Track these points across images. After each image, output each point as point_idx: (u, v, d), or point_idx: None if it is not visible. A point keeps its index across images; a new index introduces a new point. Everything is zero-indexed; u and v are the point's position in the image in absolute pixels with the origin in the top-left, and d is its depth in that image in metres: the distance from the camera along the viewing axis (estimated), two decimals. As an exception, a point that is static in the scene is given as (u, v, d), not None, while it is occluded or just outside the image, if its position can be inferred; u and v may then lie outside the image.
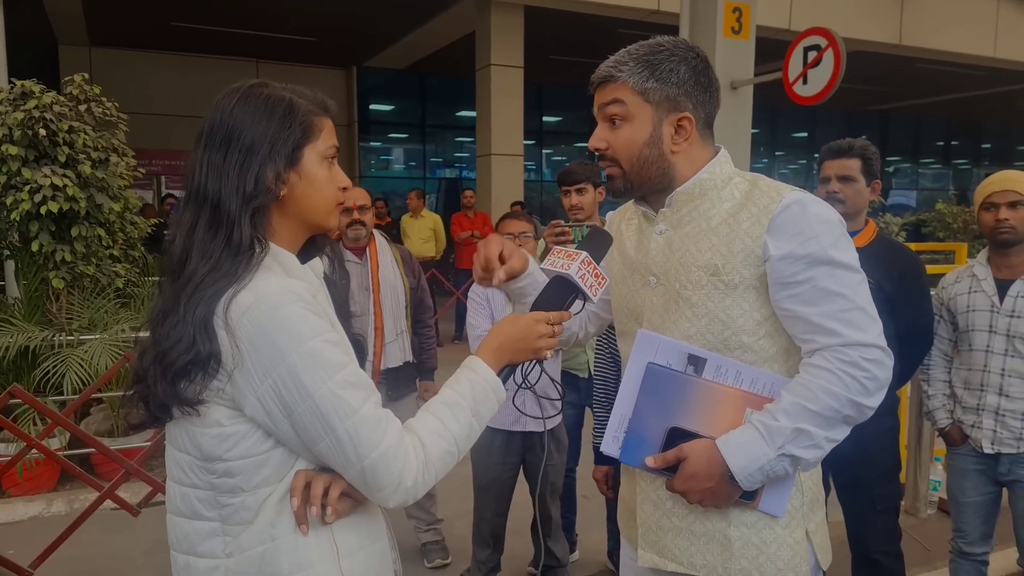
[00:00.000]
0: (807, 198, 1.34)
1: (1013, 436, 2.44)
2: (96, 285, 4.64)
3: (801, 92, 5.84)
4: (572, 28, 10.46)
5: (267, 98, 1.16)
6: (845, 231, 1.33)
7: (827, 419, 1.28)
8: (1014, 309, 2.43)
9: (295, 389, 1.06)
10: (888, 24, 10.50)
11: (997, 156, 21.41)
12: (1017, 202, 2.41)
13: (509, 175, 10.06)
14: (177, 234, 1.14)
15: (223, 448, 1.10)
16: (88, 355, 3.99)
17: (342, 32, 11.20)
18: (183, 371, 1.06)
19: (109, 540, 3.51)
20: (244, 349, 1.05)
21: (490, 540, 3.05)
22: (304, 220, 1.21)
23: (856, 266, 1.31)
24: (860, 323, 1.29)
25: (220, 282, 1.08)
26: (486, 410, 1.23)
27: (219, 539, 1.13)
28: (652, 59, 1.38)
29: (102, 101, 4.61)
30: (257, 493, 1.12)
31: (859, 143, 2.52)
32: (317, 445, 1.09)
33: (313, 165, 1.18)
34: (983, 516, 2.59)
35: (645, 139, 1.39)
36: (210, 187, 1.12)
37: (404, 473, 1.11)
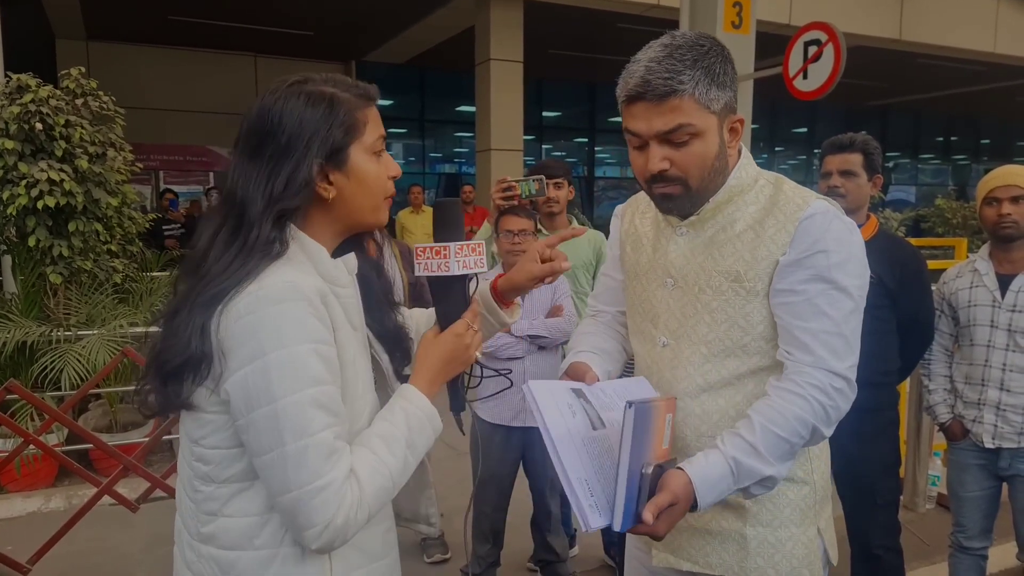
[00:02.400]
0: (833, 212, 1.31)
1: (1014, 431, 2.44)
2: (94, 280, 4.63)
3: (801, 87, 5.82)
4: (572, 22, 10.43)
5: (307, 96, 1.11)
6: (861, 255, 1.30)
7: (791, 447, 1.27)
8: (1015, 304, 2.43)
9: (263, 388, 1.01)
10: (888, 19, 10.48)
11: (996, 152, 21.40)
12: (1019, 196, 2.40)
13: (509, 170, 10.02)
14: (203, 234, 1.12)
15: (200, 433, 1.10)
16: (86, 351, 3.98)
17: (341, 26, 11.16)
18: (174, 372, 1.05)
19: (107, 536, 3.51)
20: (234, 341, 1.02)
21: (490, 535, 3.05)
22: (351, 220, 1.17)
23: (856, 294, 1.29)
24: (839, 350, 1.28)
25: (226, 282, 1.04)
26: (422, 441, 1.17)
27: (195, 519, 1.14)
28: (707, 63, 1.25)
29: (99, 95, 4.59)
30: (227, 487, 1.10)
31: (860, 138, 2.52)
32: (261, 456, 1.04)
33: (361, 162, 1.14)
34: (983, 511, 2.59)
35: (715, 152, 1.30)
36: (239, 190, 1.09)
37: (338, 511, 1.04)
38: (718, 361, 1.37)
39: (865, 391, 2.39)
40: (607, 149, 16.79)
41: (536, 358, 2.90)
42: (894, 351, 2.51)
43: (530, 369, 2.88)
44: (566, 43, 11.88)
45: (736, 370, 1.36)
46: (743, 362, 1.36)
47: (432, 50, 12.11)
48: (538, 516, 3.10)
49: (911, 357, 2.60)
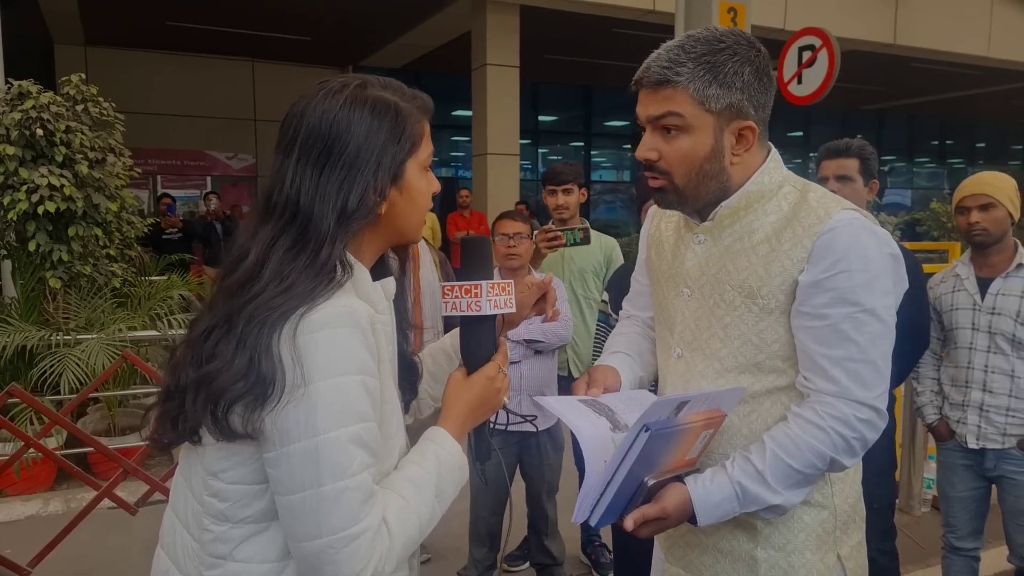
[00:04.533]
0: (860, 224, 1.20)
1: (997, 431, 2.49)
2: (93, 285, 4.64)
3: (796, 92, 5.86)
4: (567, 27, 10.47)
5: (373, 105, 1.03)
6: (890, 270, 1.20)
7: (805, 477, 1.21)
8: (995, 306, 2.48)
9: (304, 420, 0.92)
10: (882, 24, 10.53)
11: (991, 155, 21.47)
12: (988, 204, 2.46)
13: (505, 174, 10.06)
14: (251, 247, 1.01)
15: (222, 465, 0.99)
16: (85, 355, 3.99)
17: (338, 31, 11.19)
18: (235, 399, 0.93)
19: (107, 539, 3.51)
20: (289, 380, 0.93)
21: (486, 539, 3.06)
22: (395, 235, 1.11)
23: (886, 315, 1.19)
24: (866, 378, 1.19)
25: (290, 303, 0.94)
26: (450, 491, 1.10)
27: (195, 562, 1.02)
28: (714, 60, 1.19)
29: (99, 101, 4.61)
30: (241, 528, 1.00)
31: (856, 143, 2.54)
32: (291, 494, 0.94)
33: (415, 178, 1.08)
34: (972, 511, 2.63)
35: (706, 153, 1.23)
36: (303, 202, 0.99)
37: (369, 562, 0.95)
38: (731, 377, 1.29)
39: (859, 394, 2.45)
40: (603, 153, 16.83)
41: (533, 363, 2.91)
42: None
43: (527, 374, 2.89)
44: (562, 48, 11.92)
45: (750, 388, 1.29)
46: (758, 380, 1.28)
47: (428, 55, 12.15)
48: (535, 520, 3.12)
49: (907, 361, 2.61)
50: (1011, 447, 2.48)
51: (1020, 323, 2.43)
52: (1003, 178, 2.51)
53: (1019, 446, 2.47)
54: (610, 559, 3.35)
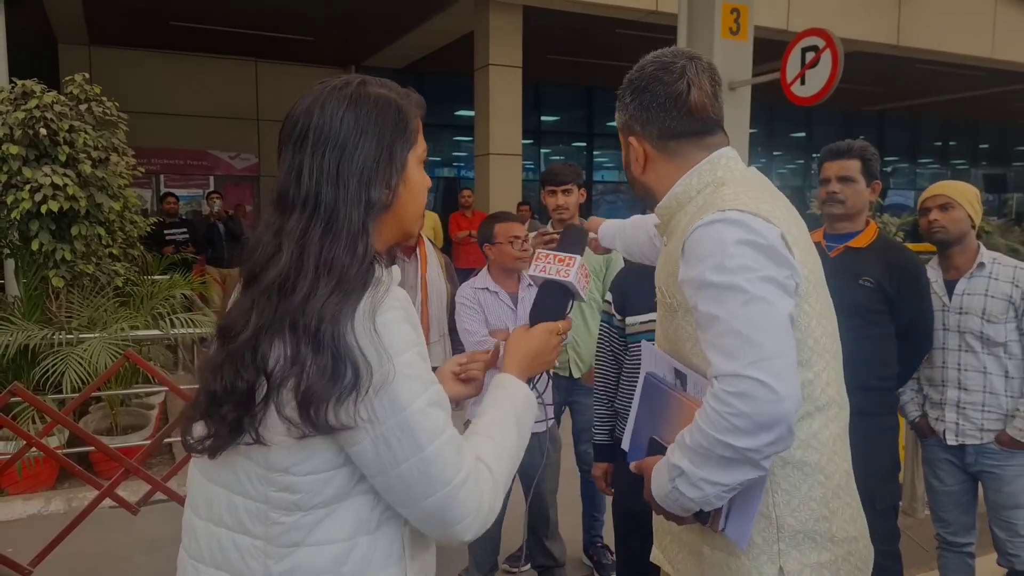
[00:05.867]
0: (718, 220, 1.23)
1: (975, 427, 2.58)
2: (95, 284, 4.65)
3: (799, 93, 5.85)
4: (570, 28, 10.47)
5: (377, 101, 1.09)
6: (748, 252, 1.19)
7: (700, 456, 1.19)
8: (961, 306, 2.58)
9: (388, 401, 0.99)
10: (886, 24, 10.51)
11: (994, 156, 21.44)
12: (946, 204, 2.58)
13: (507, 175, 10.06)
14: (281, 242, 1.03)
15: (292, 461, 1.02)
16: (87, 354, 3.99)
17: (340, 31, 11.19)
18: (329, 398, 0.97)
19: (108, 538, 3.51)
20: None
21: (487, 541, 3.05)
22: (399, 228, 1.16)
23: (743, 285, 1.16)
24: (731, 349, 1.15)
25: (348, 297, 0.99)
26: (527, 424, 1.21)
27: (260, 560, 1.05)
28: (619, 90, 1.44)
29: (102, 101, 4.62)
30: (314, 513, 1.04)
31: (858, 144, 2.54)
32: (398, 466, 1.01)
33: (414, 171, 1.14)
34: (962, 505, 2.70)
35: (625, 162, 1.47)
36: (325, 195, 1.04)
37: (483, 496, 1.06)
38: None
39: (862, 395, 2.43)
40: (605, 153, 16.81)
41: None
42: (892, 356, 2.53)
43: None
44: (564, 48, 11.91)
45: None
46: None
47: (431, 55, 12.15)
48: (536, 522, 3.09)
49: (910, 362, 2.63)
50: (989, 442, 2.55)
51: (986, 320, 2.53)
52: (964, 185, 2.64)
53: (996, 440, 2.54)
54: (612, 560, 3.34)
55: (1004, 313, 2.51)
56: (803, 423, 1.29)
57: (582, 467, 3.41)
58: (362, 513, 1.06)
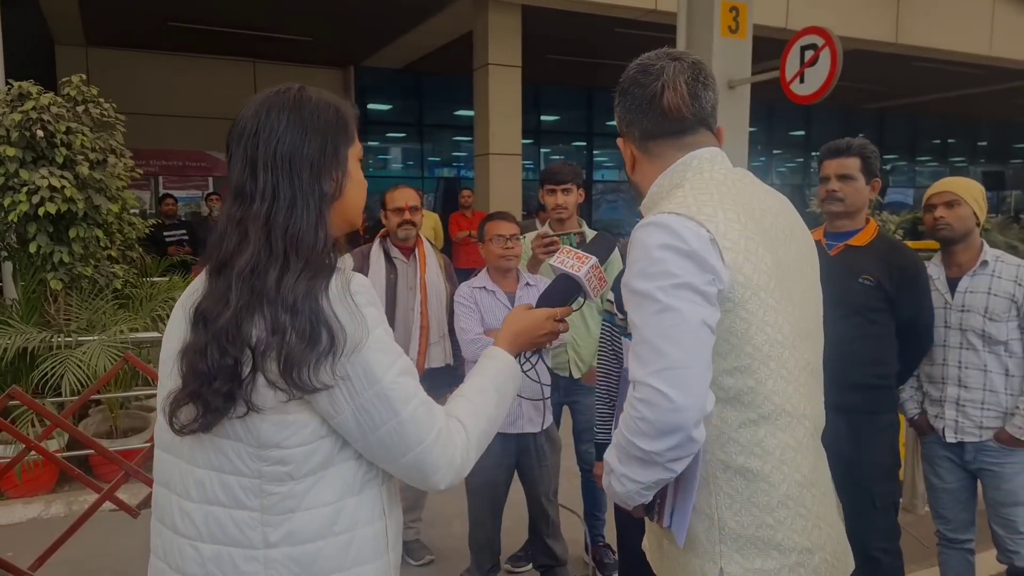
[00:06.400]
0: (649, 223, 1.27)
1: (974, 425, 2.58)
2: (94, 286, 4.63)
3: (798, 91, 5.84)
4: (569, 27, 10.45)
5: (317, 103, 1.21)
6: (663, 256, 1.22)
7: (621, 454, 1.26)
8: (964, 304, 2.58)
9: (364, 375, 1.12)
10: (884, 23, 10.50)
11: (993, 154, 21.43)
12: (952, 201, 2.56)
13: (507, 175, 10.05)
14: (247, 231, 1.13)
15: (282, 435, 1.13)
16: (86, 356, 3.98)
17: (339, 32, 11.18)
18: (311, 360, 1.08)
19: (109, 542, 3.51)
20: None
21: (487, 542, 3.05)
22: (345, 218, 1.27)
23: (655, 294, 1.20)
24: (643, 357, 1.21)
25: (320, 273, 1.12)
26: (509, 391, 1.36)
27: (258, 530, 1.15)
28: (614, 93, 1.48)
29: (100, 102, 4.59)
30: (304, 481, 1.15)
31: (857, 142, 2.54)
32: (378, 430, 1.14)
33: (354, 165, 1.26)
34: (961, 502, 2.70)
35: (625, 163, 1.51)
36: (281, 187, 1.15)
37: (455, 451, 1.20)
38: None
39: (862, 393, 2.45)
40: (605, 153, 16.80)
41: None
42: (892, 355, 2.52)
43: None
44: (564, 48, 11.90)
45: None
46: None
47: (430, 55, 12.14)
48: (536, 522, 3.10)
49: (910, 361, 2.63)
50: (988, 440, 2.55)
51: (988, 319, 2.52)
52: (969, 181, 2.63)
53: (995, 438, 2.54)
54: (614, 559, 3.34)
55: (1006, 311, 2.51)
56: (745, 430, 1.29)
57: (583, 466, 3.40)
58: (347, 477, 1.18)
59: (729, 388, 1.28)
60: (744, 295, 1.25)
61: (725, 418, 1.29)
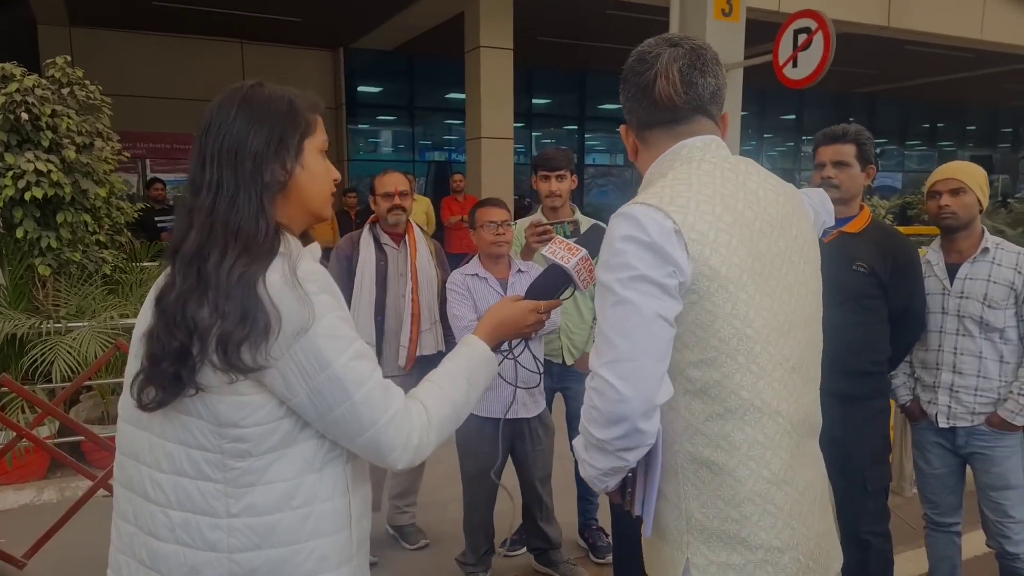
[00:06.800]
0: (620, 214, 1.28)
1: (967, 411, 2.58)
2: (83, 272, 4.59)
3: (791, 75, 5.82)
4: (561, 9, 10.38)
5: (269, 97, 1.26)
6: (624, 248, 1.23)
7: (583, 441, 1.31)
8: (963, 291, 2.56)
9: (315, 360, 1.16)
10: (877, 6, 10.48)
11: (982, 138, 21.50)
12: (958, 189, 2.53)
13: (499, 158, 10.00)
14: (192, 221, 1.20)
15: (240, 415, 1.18)
16: (76, 342, 3.96)
17: (328, 13, 11.05)
18: (242, 341, 1.13)
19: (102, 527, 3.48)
20: (283, 325, 1.15)
21: (481, 526, 3.07)
22: (305, 208, 1.31)
23: (613, 286, 1.22)
24: (599, 348, 1.25)
25: (256, 262, 1.16)
26: (481, 380, 1.40)
27: (222, 500, 1.21)
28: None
29: (85, 84, 4.53)
30: (264, 458, 1.20)
31: (853, 129, 2.53)
32: (332, 412, 1.19)
33: (312, 157, 1.29)
34: (949, 487, 2.72)
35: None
36: (225, 179, 1.21)
37: (411, 433, 1.24)
38: None
39: (855, 380, 2.46)
40: (596, 136, 16.76)
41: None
42: (885, 341, 2.53)
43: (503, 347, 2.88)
44: (555, 30, 11.82)
45: None
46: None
47: (420, 37, 12.01)
48: (530, 506, 3.12)
49: (903, 346, 2.64)
50: (980, 424, 2.57)
51: (987, 306, 2.51)
52: (974, 167, 2.59)
53: (987, 422, 2.56)
54: (607, 542, 3.36)
55: (1005, 299, 2.51)
56: (712, 423, 1.28)
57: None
58: (307, 455, 1.23)
59: (696, 380, 1.27)
60: (710, 287, 1.23)
61: (693, 410, 1.29)
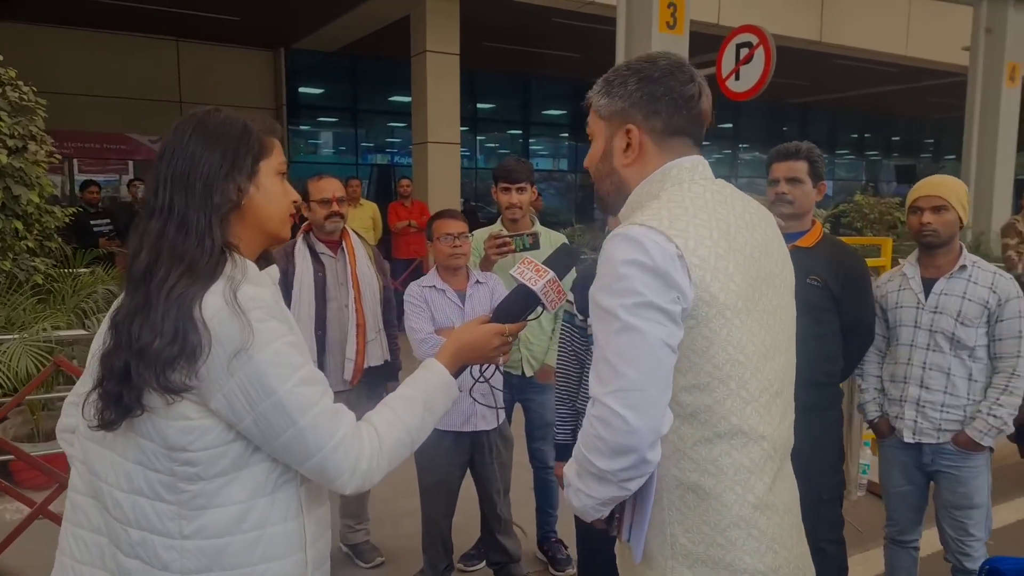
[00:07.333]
0: (618, 235, 1.25)
1: (933, 427, 2.57)
2: (12, 281, 4.36)
3: (733, 88, 5.98)
4: (507, 15, 10.40)
5: (224, 121, 1.28)
6: (633, 273, 1.20)
7: (579, 468, 1.27)
8: (937, 306, 2.55)
9: (259, 387, 1.17)
10: (809, 21, 10.84)
11: (906, 148, 22.47)
12: (940, 207, 2.51)
13: (446, 163, 9.96)
14: (143, 244, 1.22)
15: (188, 440, 1.18)
16: (7, 356, 3.75)
17: (268, 12, 10.81)
18: (170, 360, 1.14)
19: (36, 552, 3.31)
20: (215, 348, 1.15)
21: (439, 542, 3.03)
22: (261, 229, 1.32)
23: (618, 312, 1.19)
24: (601, 375, 1.21)
25: (196, 283, 1.17)
26: (439, 405, 1.38)
27: (176, 521, 1.21)
28: (609, 77, 1.41)
29: (18, 85, 4.32)
30: (215, 481, 1.21)
31: (805, 146, 2.61)
32: (279, 438, 1.20)
33: (268, 178, 1.31)
34: (911, 504, 2.71)
35: (599, 154, 1.43)
36: (176, 201, 1.22)
37: (359, 458, 1.24)
38: None
39: (811, 391, 2.51)
40: (540, 141, 16.87)
41: None
42: (838, 352, 2.60)
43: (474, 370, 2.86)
44: (501, 36, 11.84)
45: None
46: None
47: (364, 39, 11.87)
48: (489, 520, 3.10)
49: (853, 357, 2.70)
50: (946, 442, 2.56)
51: (960, 323, 2.50)
52: (956, 182, 2.57)
53: (954, 442, 2.54)
54: (566, 555, 3.36)
55: (978, 317, 2.50)
56: (701, 447, 1.28)
57: (535, 464, 3.41)
58: (259, 478, 1.24)
59: (687, 405, 1.27)
60: (708, 313, 1.23)
61: (682, 435, 1.28)
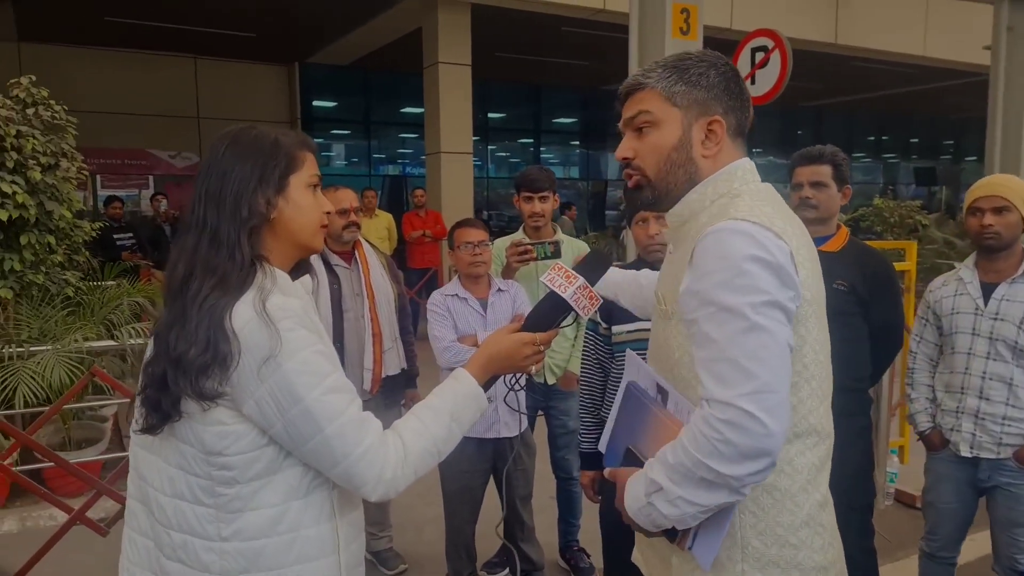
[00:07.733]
0: (729, 229, 1.21)
1: (993, 440, 2.42)
2: (45, 294, 4.45)
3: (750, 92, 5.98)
4: (518, 26, 10.46)
5: (255, 137, 1.32)
6: (755, 270, 1.17)
7: (682, 476, 1.18)
8: (998, 312, 2.41)
9: (288, 394, 1.20)
10: (824, 24, 10.82)
11: (925, 150, 22.26)
12: (1002, 207, 2.39)
13: (459, 173, 10.02)
14: (180, 258, 1.28)
15: (224, 444, 1.23)
16: (40, 367, 3.83)
17: (283, 28, 10.96)
18: (204, 368, 1.18)
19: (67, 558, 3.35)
20: (244, 356, 1.19)
21: (463, 549, 3.04)
22: (293, 241, 1.35)
23: (750, 312, 1.15)
24: (726, 377, 1.15)
25: (228, 295, 1.22)
26: (467, 416, 1.37)
27: (214, 524, 1.26)
28: (680, 65, 1.34)
29: (51, 104, 4.41)
30: (250, 485, 1.25)
31: (829, 150, 2.59)
32: (306, 444, 1.23)
33: (298, 191, 1.33)
34: (957, 523, 2.58)
35: (674, 143, 1.33)
36: (208, 217, 1.27)
37: (384, 467, 1.25)
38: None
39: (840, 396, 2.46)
40: (551, 150, 16.93)
41: None
42: (866, 357, 2.55)
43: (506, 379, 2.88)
44: (512, 46, 11.91)
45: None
46: (691, 395, 1.28)
47: (378, 52, 11.99)
48: (512, 527, 3.09)
49: (881, 363, 2.66)
50: (1006, 457, 2.41)
51: (1023, 329, 2.37)
52: (1019, 181, 2.44)
53: (1015, 457, 2.39)
54: (589, 563, 3.36)
55: None
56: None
57: (558, 472, 3.41)
58: (292, 482, 1.27)
59: None
60: (807, 312, 1.24)
61: None
